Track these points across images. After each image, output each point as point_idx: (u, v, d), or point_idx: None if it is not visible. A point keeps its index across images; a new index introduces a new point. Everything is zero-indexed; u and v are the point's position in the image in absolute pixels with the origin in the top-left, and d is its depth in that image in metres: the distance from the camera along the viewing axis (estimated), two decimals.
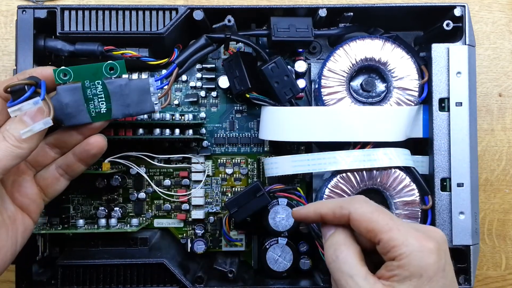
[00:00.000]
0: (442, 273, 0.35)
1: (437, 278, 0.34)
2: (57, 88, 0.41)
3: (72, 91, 0.42)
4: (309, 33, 0.48)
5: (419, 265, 0.34)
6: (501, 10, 0.59)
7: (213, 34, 0.47)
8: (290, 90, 0.48)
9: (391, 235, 0.35)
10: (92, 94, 0.42)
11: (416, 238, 0.35)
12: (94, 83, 0.42)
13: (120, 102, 0.43)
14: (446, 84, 0.48)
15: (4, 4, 0.58)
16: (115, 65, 0.42)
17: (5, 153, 0.37)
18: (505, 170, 0.59)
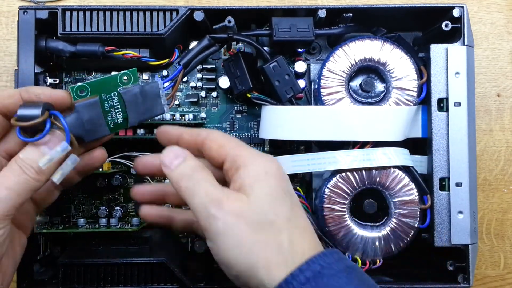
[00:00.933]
0: (287, 183, 0.38)
1: (285, 181, 0.38)
2: (76, 106, 0.40)
3: (90, 106, 0.41)
4: (310, 33, 0.48)
5: (264, 169, 0.37)
6: (499, 11, 0.60)
7: (216, 34, 0.48)
8: (291, 89, 0.48)
9: (240, 151, 0.39)
10: (109, 106, 0.42)
11: (261, 155, 0.39)
12: (110, 95, 0.42)
13: (135, 110, 0.43)
14: (445, 85, 0.49)
15: (5, 4, 0.58)
16: (129, 74, 0.42)
17: (24, 187, 0.36)
18: (504, 170, 0.59)
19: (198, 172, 0.38)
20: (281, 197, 0.37)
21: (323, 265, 0.35)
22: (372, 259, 0.49)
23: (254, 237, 0.35)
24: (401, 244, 0.49)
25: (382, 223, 0.50)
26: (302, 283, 0.34)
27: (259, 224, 0.36)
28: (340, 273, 0.35)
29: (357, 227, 0.49)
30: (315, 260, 0.35)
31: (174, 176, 0.38)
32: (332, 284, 0.34)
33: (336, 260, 0.36)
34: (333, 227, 0.48)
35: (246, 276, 0.35)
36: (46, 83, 0.50)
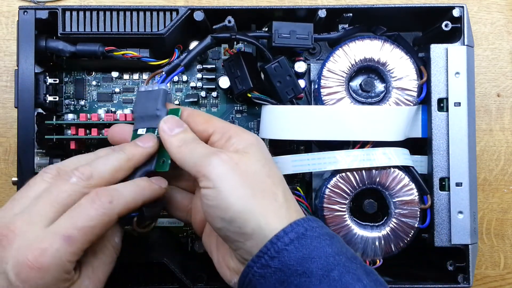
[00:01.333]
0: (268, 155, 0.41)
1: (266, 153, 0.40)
2: None
3: None
4: (309, 41, 0.48)
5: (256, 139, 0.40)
6: (499, 11, 0.60)
7: (218, 34, 0.48)
8: (292, 90, 0.48)
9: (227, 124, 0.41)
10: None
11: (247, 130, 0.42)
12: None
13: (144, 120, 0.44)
14: (445, 85, 0.49)
15: (5, 4, 0.58)
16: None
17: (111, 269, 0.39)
18: (504, 170, 0.59)
19: (198, 140, 0.40)
20: (272, 162, 0.40)
21: (307, 227, 0.36)
22: (372, 259, 0.49)
23: (253, 183, 0.37)
24: (401, 244, 0.49)
25: (382, 223, 0.50)
26: (286, 243, 0.35)
27: (257, 174, 0.38)
28: (323, 236, 0.36)
29: (357, 227, 0.49)
30: (299, 223, 0.36)
31: (174, 141, 0.40)
32: (315, 245, 0.35)
33: (320, 226, 0.38)
34: (333, 227, 0.48)
35: (243, 219, 0.36)
36: (46, 83, 0.50)
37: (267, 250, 0.35)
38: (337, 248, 0.36)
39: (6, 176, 0.57)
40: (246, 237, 0.36)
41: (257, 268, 0.36)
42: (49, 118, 0.51)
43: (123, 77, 0.54)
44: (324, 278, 0.34)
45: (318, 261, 0.35)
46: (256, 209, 0.36)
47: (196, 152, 0.39)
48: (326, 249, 0.36)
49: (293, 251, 0.35)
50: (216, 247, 0.42)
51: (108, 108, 0.54)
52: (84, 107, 0.54)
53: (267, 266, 0.35)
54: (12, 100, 0.57)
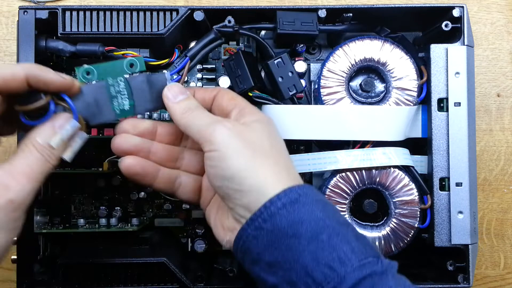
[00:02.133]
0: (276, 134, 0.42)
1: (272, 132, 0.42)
2: (82, 88, 0.41)
3: (96, 89, 0.42)
4: (314, 27, 0.48)
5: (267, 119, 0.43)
6: (499, 11, 0.60)
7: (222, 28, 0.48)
8: (293, 87, 0.48)
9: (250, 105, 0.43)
10: (115, 92, 0.43)
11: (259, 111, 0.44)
12: (116, 80, 0.42)
13: (141, 98, 0.43)
14: (445, 85, 0.49)
15: (5, 4, 0.58)
16: (135, 61, 0.43)
17: (41, 170, 0.36)
18: (504, 170, 0.59)
19: (201, 107, 0.42)
20: (279, 138, 0.42)
21: (301, 193, 0.38)
22: None
23: (255, 148, 0.39)
24: (401, 244, 0.49)
25: (382, 223, 0.50)
26: (279, 208, 0.37)
27: (259, 142, 0.40)
28: (316, 203, 0.38)
29: (357, 227, 0.49)
30: (293, 190, 0.38)
31: (178, 108, 0.42)
32: (306, 210, 0.37)
33: (315, 193, 0.39)
34: None
35: (242, 176, 0.38)
36: None
37: (260, 213, 0.37)
38: (329, 213, 0.38)
39: None
40: (244, 194, 0.38)
41: (251, 230, 0.38)
42: None
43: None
44: (312, 239, 0.36)
45: (308, 224, 0.37)
46: (256, 168, 0.38)
47: (201, 119, 0.40)
48: (317, 214, 0.37)
49: (285, 215, 0.37)
50: (216, 212, 0.44)
51: None
52: None
53: (260, 228, 0.37)
54: None
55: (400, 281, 0.37)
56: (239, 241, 0.39)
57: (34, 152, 0.36)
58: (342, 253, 0.36)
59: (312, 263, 0.36)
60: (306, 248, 0.36)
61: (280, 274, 0.37)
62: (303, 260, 0.36)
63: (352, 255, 0.36)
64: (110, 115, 0.42)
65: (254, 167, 0.38)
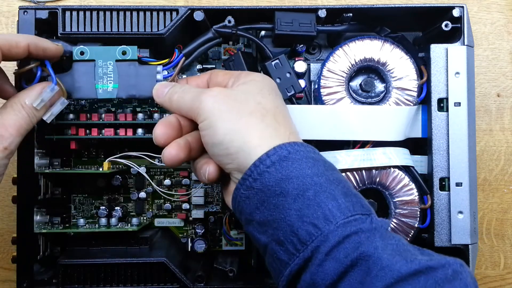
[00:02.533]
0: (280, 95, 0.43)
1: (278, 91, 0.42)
2: (73, 64, 0.46)
3: (85, 67, 0.46)
4: (312, 28, 0.48)
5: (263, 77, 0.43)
6: (499, 11, 0.60)
7: (220, 29, 0.48)
8: (292, 87, 0.48)
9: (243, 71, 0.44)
10: (102, 73, 0.46)
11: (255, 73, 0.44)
12: (106, 63, 0.46)
13: (126, 83, 0.46)
14: (445, 85, 0.49)
15: (5, 4, 0.58)
16: (128, 49, 0.46)
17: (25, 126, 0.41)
18: (503, 170, 0.59)
19: (185, 86, 0.43)
20: (271, 92, 0.41)
21: (291, 150, 0.37)
22: None
23: (240, 108, 0.39)
24: None
25: None
26: (267, 166, 0.37)
27: (246, 100, 0.39)
28: (306, 159, 0.37)
29: None
30: (283, 146, 0.37)
31: (166, 98, 0.43)
32: (294, 167, 0.37)
33: (307, 150, 0.38)
34: None
35: (228, 140, 0.38)
36: None
37: (251, 173, 0.37)
38: (318, 170, 0.37)
39: (6, 176, 0.57)
40: (233, 157, 0.38)
41: (243, 190, 0.38)
42: None
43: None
44: (298, 197, 0.36)
45: (295, 181, 0.36)
46: (241, 129, 0.38)
47: (186, 97, 0.41)
48: (305, 171, 0.36)
49: (273, 172, 0.36)
50: (223, 181, 0.43)
51: (108, 108, 0.54)
52: (84, 107, 0.54)
53: (251, 187, 0.37)
54: None
55: (391, 241, 0.35)
56: (234, 202, 0.39)
57: (22, 111, 0.42)
58: (327, 210, 0.35)
59: (297, 221, 0.35)
60: (292, 206, 0.36)
61: (269, 233, 0.37)
62: (289, 219, 0.36)
63: (338, 212, 0.35)
64: (92, 93, 0.46)
65: (239, 128, 0.38)
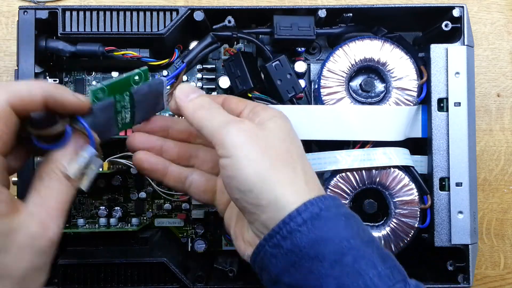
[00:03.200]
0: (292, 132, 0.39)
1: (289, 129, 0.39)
2: (93, 109, 0.38)
3: (106, 108, 0.39)
4: (311, 31, 0.48)
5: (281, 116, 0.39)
6: (499, 11, 0.60)
7: (219, 32, 0.48)
8: (292, 89, 0.48)
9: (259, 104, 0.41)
10: (121, 107, 0.41)
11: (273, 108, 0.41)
12: (122, 96, 0.40)
13: (141, 109, 0.42)
14: (445, 85, 0.49)
15: (5, 4, 0.58)
16: (141, 73, 0.41)
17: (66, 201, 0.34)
18: (504, 170, 0.59)
19: (215, 104, 0.39)
20: (296, 138, 0.39)
21: (322, 207, 0.35)
22: None
23: (271, 155, 0.36)
24: (401, 244, 0.49)
25: (382, 223, 0.50)
26: (299, 224, 0.34)
27: (276, 146, 0.37)
28: (339, 217, 0.35)
29: None
30: (314, 202, 0.35)
31: (190, 106, 0.39)
32: (329, 227, 0.34)
33: (337, 205, 0.36)
34: None
35: (259, 190, 0.35)
36: None
37: (279, 230, 0.34)
38: (353, 230, 0.35)
39: None
40: (262, 209, 0.35)
41: (268, 247, 0.35)
42: None
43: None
44: (336, 263, 0.33)
45: (331, 244, 0.34)
46: (273, 180, 0.35)
47: (215, 118, 0.38)
48: (341, 232, 0.34)
49: (306, 232, 0.34)
50: (235, 221, 0.41)
51: None
52: None
53: (279, 246, 0.34)
54: None
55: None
56: (256, 257, 0.36)
57: (60, 183, 0.34)
58: (368, 280, 0.33)
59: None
60: (329, 273, 0.33)
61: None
62: (327, 287, 0.33)
63: (379, 282, 0.33)
64: (114, 131, 0.41)
65: (272, 178, 0.35)
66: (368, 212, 0.49)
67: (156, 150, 0.44)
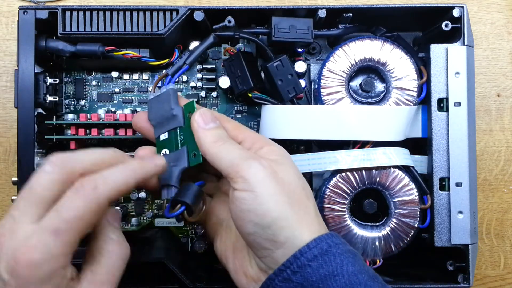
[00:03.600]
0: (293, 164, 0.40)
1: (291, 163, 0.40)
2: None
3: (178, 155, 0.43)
4: (309, 35, 0.48)
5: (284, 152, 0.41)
6: (499, 11, 0.60)
7: (221, 32, 0.48)
8: (293, 89, 0.48)
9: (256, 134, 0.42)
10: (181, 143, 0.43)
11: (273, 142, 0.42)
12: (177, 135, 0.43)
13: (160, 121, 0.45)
14: (445, 85, 0.49)
15: (5, 4, 0.58)
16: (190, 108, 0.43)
17: None
18: (503, 170, 0.59)
19: (232, 139, 0.40)
20: (303, 177, 0.40)
21: (331, 244, 0.36)
22: (372, 259, 0.49)
23: (290, 193, 0.37)
24: (401, 244, 0.49)
25: (382, 223, 0.50)
26: (309, 259, 0.35)
27: (293, 184, 0.38)
28: (346, 254, 0.36)
29: (357, 227, 0.49)
30: (323, 239, 0.36)
31: (210, 136, 0.39)
32: (337, 263, 0.35)
33: (343, 242, 0.37)
34: (333, 227, 0.48)
35: (278, 226, 0.36)
36: (46, 83, 0.50)
37: (290, 264, 0.35)
38: (360, 266, 0.36)
39: (6, 176, 0.57)
40: (278, 245, 0.36)
41: (278, 281, 0.35)
42: (49, 118, 0.51)
43: (123, 77, 0.54)
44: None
45: (340, 279, 0.35)
46: (293, 218, 0.36)
47: (234, 152, 0.38)
48: (349, 267, 0.35)
49: (316, 267, 0.35)
50: (232, 253, 0.42)
51: (108, 108, 0.54)
52: (84, 107, 0.54)
53: (289, 280, 0.35)
54: (12, 100, 0.57)
55: None
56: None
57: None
58: None
59: None
60: None
61: None
62: None
63: None
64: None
65: (291, 216, 0.36)
66: (368, 212, 0.49)
67: None
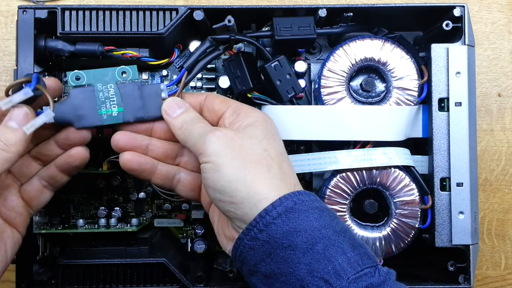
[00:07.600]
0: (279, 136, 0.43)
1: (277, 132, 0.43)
2: (70, 91, 0.43)
3: (84, 93, 0.43)
4: (312, 31, 0.48)
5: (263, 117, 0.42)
6: (500, 10, 0.60)
7: (217, 35, 0.47)
8: (292, 89, 0.48)
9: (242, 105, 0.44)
10: (104, 97, 0.43)
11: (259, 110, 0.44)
12: (106, 86, 0.43)
13: (131, 106, 0.44)
14: (446, 84, 0.49)
15: (4, 4, 0.58)
16: (128, 69, 0.44)
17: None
18: (504, 170, 0.59)
19: (197, 118, 0.42)
20: (275, 137, 0.42)
21: (296, 201, 0.37)
22: None
23: (246, 156, 0.39)
24: (401, 244, 0.49)
25: (382, 224, 0.49)
26: (274, 217, 0.36)
27: (252, 147, 0.39)
28: (312, 210, 0.37)
29: (357, 227, 0.49)
30: (288, 197, 0.37)
31: (176, 123, 0.43)
32: (301, 219, 0.37)
33: (311, 199, 0.38)
34: None
35: (233, 188, 0.38)
36: None
37: (256, 224, 0.37)
38: (325, 221, 0.37)
39: None
40: (237, 206, 0.38)
41: (247, 240, 0.37)
42: None
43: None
44: (308, 251, 0.36)
45: (303, 234, 0.36)
46: (247, 178, 0.38)
47: (194, 132, 0.41)
48: (313, 223, 0.37)
49: (280, 224, 0.36)
50: (217, 218, 0.44)
51: None
52: None
53: (256, 238, 0.37)
54: None
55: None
56: (236, 250, 0.39)
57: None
58: (337, 265, 0.35)
59: (307, 276, 0.35)
60: (301, 260, 0.36)
61: (276, 286, 0.37)
62: (299, 273, 0.36)
63: (348, 267, 0.35)
64: (96, 120, 0.43)
65: (245, 177, 0.38)
66: (368, 212, 0.49)
67: (142, 149, 0.45)
